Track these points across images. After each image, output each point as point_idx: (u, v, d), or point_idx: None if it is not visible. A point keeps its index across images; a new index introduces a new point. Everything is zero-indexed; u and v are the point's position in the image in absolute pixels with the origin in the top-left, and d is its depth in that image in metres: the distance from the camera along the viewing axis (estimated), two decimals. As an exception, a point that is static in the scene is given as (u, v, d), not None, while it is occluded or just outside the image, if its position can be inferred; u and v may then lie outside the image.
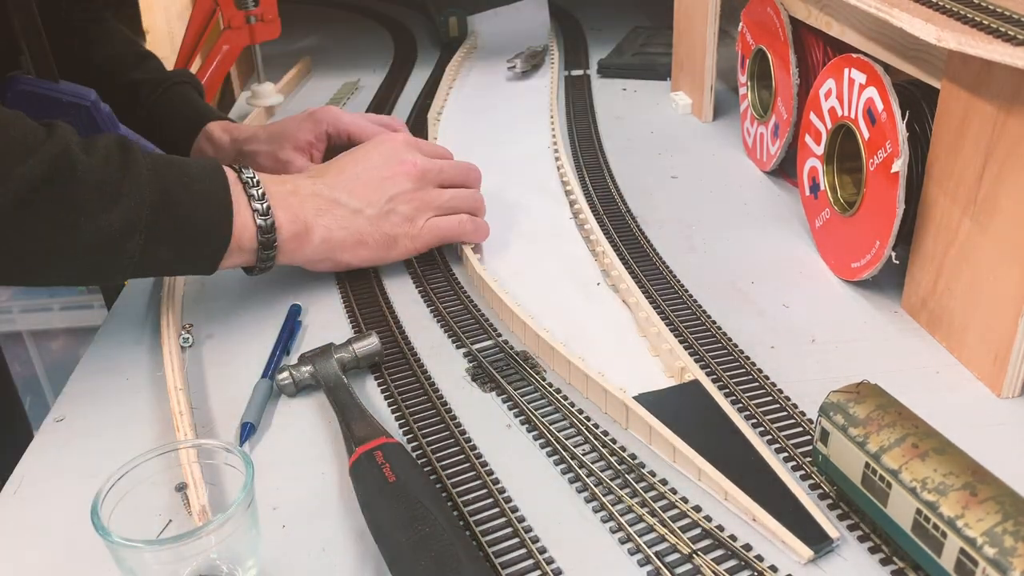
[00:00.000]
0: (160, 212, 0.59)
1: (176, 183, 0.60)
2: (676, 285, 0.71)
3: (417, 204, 0.72)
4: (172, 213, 0.60)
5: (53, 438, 0.58)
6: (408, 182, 0.72)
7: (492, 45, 1.37)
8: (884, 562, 0.46)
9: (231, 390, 0.61)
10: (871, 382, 0.49)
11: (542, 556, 0.47)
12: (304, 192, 0.68)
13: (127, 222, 0.57)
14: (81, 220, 0.56)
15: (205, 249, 0.63)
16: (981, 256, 0.57)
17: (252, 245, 0.64)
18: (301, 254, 0.68)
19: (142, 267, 0.60)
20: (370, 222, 0.70)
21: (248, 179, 0.65)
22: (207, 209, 0.62)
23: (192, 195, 0.61)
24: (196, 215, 0.61)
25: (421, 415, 0.58)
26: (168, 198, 0.59)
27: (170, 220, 0.59)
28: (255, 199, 0.64)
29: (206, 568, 0.45)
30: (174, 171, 0.61)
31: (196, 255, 0.63)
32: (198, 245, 0.62)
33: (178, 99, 0.90)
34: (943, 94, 0.59)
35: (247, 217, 0.64)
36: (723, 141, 1.00)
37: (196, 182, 0.61)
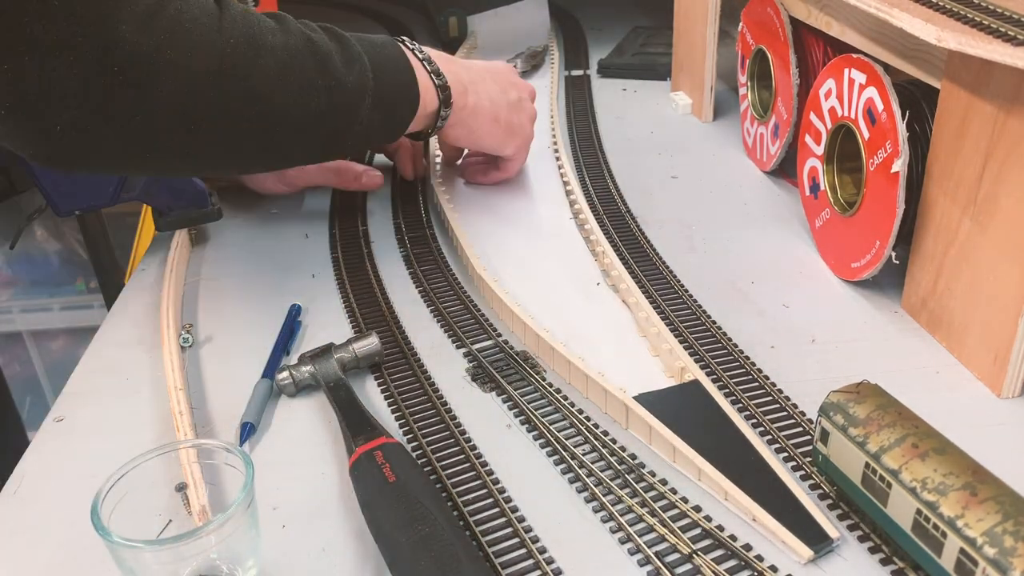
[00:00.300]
0: (377, 76, 0.65)
1: (377, 56, 0.66)
2: (676, 285, 0.71)
3: (531, 115, 0.84)
4: (383, 79, 0.66)
5: (53, 438, 0.58)
6: (528, 96, 0.83)
7: (492, 45, 1.37)
8: (884, 562, 0.46)
9: (231, 390, 0.61)
10: (871, 382, 0.49)
11: (542, 556, 0.47)
12: (463, 70, 0.76)
13: (360, 84, 0.63)
14: (332, 83, 0.61)
15: (404, 111, 0.69)
16: (981, 256, 0.57)
17: (434, 104, 0.72)
18: (460, 114, 0.75)
19: (363, 135, 0.66)
20: (508, 106, 0.80)
21: (414, 46, 0.72)
22: (401, 74, 0.68)
23: (392, 64, 0.68)
24: (397, 80, 0.68)
25: (421, 415, 0.58)
26: (377, 65, 0.66)
27: (383, 85, 0.66)
28: (428, 63, 0.72)
29: (206, 568, 0.45)
30: (376, 48, 0.67)
31: (398, 118, 0.69)
32: (399, 108, 0.69)
33: None
34: (943, 94, 0.59)
35: (426, 78, 0.71)
36: (723, 141, 1.00)
37: (384, 50, 0.68)
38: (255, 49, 0.56)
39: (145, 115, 0.52)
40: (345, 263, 0.77)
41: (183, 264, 0.77)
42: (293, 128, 0.61)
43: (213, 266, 0.77)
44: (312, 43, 0.61)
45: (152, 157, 0.56)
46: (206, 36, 0.53)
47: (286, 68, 0.58)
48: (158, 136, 0.54)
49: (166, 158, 0.57)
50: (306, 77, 0.60)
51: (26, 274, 1.78)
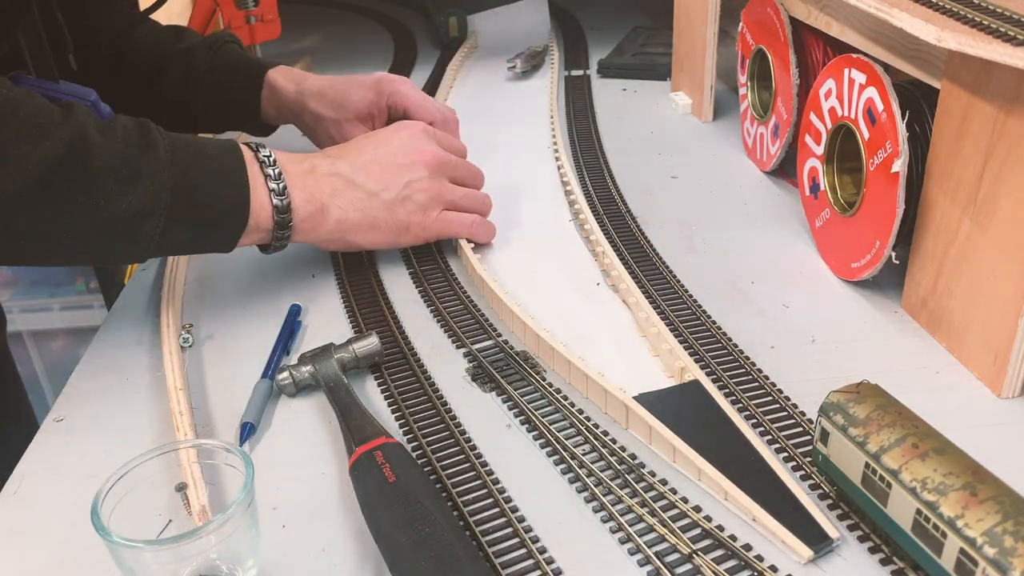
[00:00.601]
0: (179, 194, 0.59)
1: (195, 164, 0.61)
2: (676, 285, 0.71)
3: (432, 195, 0.73)
4: (191, 195, 0.60)
5: (53, 438, 0.58)
6: (425, 171, 0.73)
7: (492, 45, 1.37)
8: (884, 562, 0.46)
9: (231, 390, 0.61)
10: (871, 382, 0.49)
11: (542, 556, 0.47)
12: (321, 172, 0.68)
13: (145, 205, 0.58)
14: (100, 203, 0.56)
15: (223, 229, 0.63)
16: (981, 256, 0.57)
17: (268, 224, 0.65)
18: (315, 234, 0.69)
19: (160, 248, 0.61)
20: (385, 207, 0.71)
21: (265, 158, 0.65)
22: (225, 189, 0.62)
23: (210, 176, 0.61)
24: (215, 196, 0.62)
25: (421, 415, 0.58)
26: (187, 180, 0.60)
27: (189, 201, 0.60)
28: (272, 179, 0.64)
29: (206, 568, 0.45)
30: (192, 151, 0.61)
31: (214, 235, 0.63)
32: (216, 225, 0.63)
33: (232, 57, 0.89)
34: (943, 94, 0.59)
35: (264, 197, 0.64)
36: (723, 141, 1.00)
37: (214, 162, 0.62)
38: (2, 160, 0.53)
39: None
40: (345, 263, 0.77)
41: (183, 264, 0.77)
42: (53, 241, 0.57)
43: (213, 266, 0.77)
44: (81, 155, 0.55)
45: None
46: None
47: (39, 183, 0.54)
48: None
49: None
50: (62, 193, 0.55)
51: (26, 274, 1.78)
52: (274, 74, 0.87)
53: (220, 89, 0.87)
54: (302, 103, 0.86)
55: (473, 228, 0.76)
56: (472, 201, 0.77)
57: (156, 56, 0.87)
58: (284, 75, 0.87)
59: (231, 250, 0.65)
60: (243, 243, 0.65)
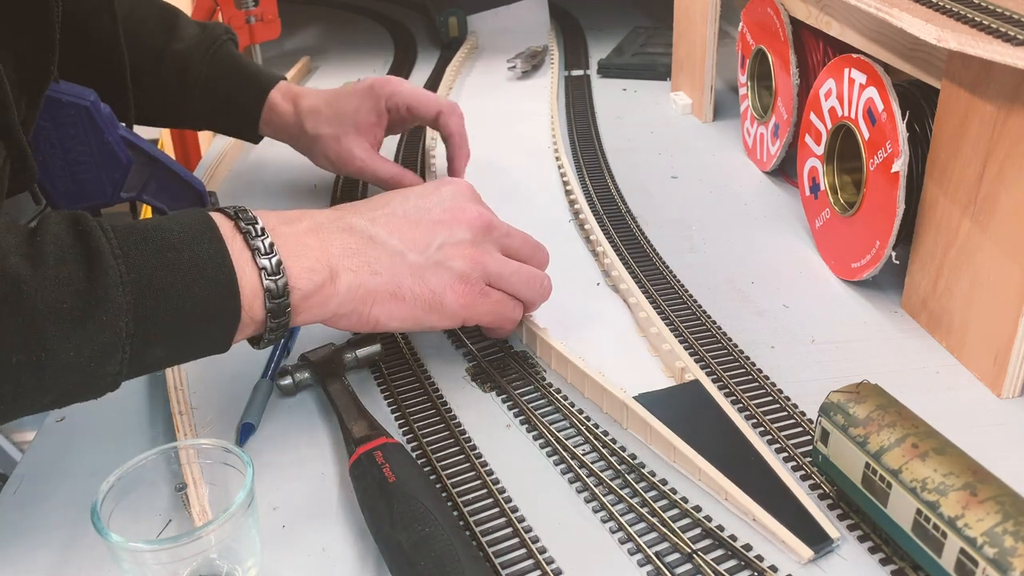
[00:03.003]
0: (145, 313, 0.45)
1: (159, 265, 0.46)
2: (676, 285, 0.71)
3: (474, 263, 0.57)
4: (161, 307, 0.45)
5: (53, 438, 0.58)
6: (468, 232, 0.57)
7: (492, 45, 1.37)
8: (884, 562, 0.46)
9: (231, 390, 0.61)
10: (871, 382, 0.49)
11: (542, 556, 0.47)
12: (328, 228, 0.53)
13: (103, 342, 0.44)
14: (40, 357, 0.43)
15: (211, 334, 0.49)
16: (981, 256, 0.57)
17: (262, 315, 0.50)
18: (323, 310, 0.52)
19: (128, 377, 0.47)
20: (412, 271, 0.55)
21: (250, 228, 0.49)
22: (204, 288, 0.47)
23: (183, 275, 0.46)
24: (190, 300, 0.46)
25: (421, 415, 0.58)
26: (152, 290, 0.45)
27: (160, 317, 0.46)
28: (261, 253, 0.49)
29: (206, 568, 0.45)
30: (152, 248, 0.46)
31: (201, 343, 0.49)
32: (201, 332, 0.48)
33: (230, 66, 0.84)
34: (943, 94, 0.59)
35: (254, 280, 0.49)
36: (723, 141, 1.00)
37: (183, 253, 0.46)
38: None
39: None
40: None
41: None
42: (4, 407, 0.44)
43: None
44: (9, 302, 0.42)
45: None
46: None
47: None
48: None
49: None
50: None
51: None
52: (274, 94, 0.84)
53: (218, 100, 0.84)
54: (300, 124, 0.82)
55: (516, 314, 0.61)
56: (527, 284, 0.60)
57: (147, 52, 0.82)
58: (283, 94, 0.84)
59: (225, 351, 0.51)
60: (235, 341, 0.51)
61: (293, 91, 0.84)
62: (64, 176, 0.71)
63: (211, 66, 0.83)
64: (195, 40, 0.84)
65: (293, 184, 0.93)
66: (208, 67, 0.83)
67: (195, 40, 0.84)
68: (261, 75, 0.85)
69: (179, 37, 0.84)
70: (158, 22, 0.84)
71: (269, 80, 0.85)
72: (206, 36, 0.84)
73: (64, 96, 0.70)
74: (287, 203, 0.89)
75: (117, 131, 0.72)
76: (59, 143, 0.71)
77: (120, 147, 0.72)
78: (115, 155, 0.72)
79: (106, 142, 0.71)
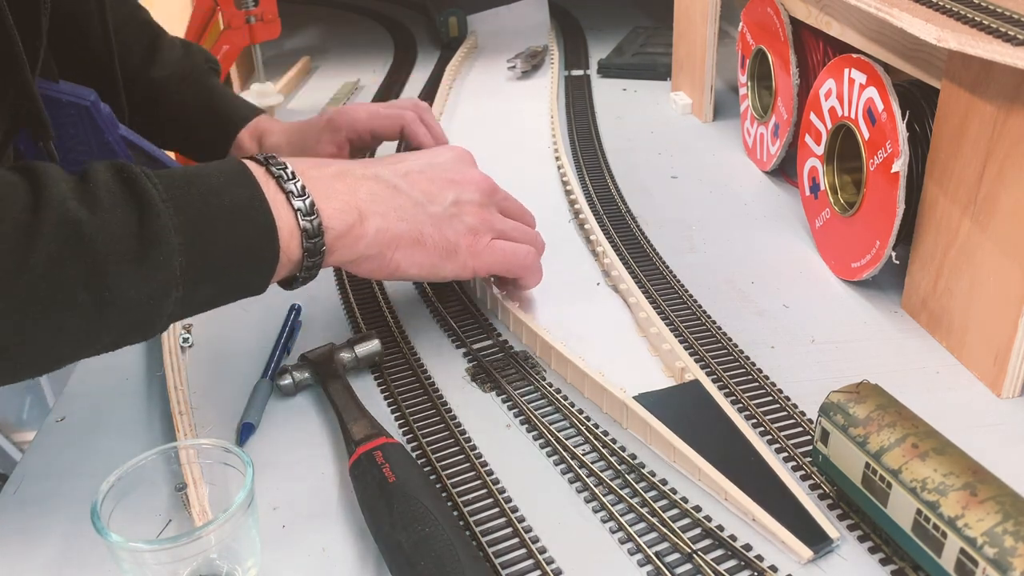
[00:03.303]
0: (195, 254, 0.47)
1: (203, 208, 0.48)
2: (676, 285, 0.71)
3: (482, 220, 0.62)
4: (208, 248, 0.48)
5: (53, 438, 0.58)
6: (477, 193, 0.62)
7: (492, 45, 1.37)
8: (884, 562, 0.46)
9: (231, 390, 0.61)
10: (871, 382, 0.49)
11: (542, 556, 0.47)
12: (355, 174, 0.57)
13: (159, 282, 0.46)
14: (104, 295, 0.45)
15: (253, 274, 0.51)
16: (981, 256, 0.57)
17: (298, 255, 0.52)
18: (352, 251, 0.55)
19: (182, 315, 0.50)
20: (432, 221, 0.59)
21: (281, 173, 0.52)
22: (246, 227, 0.50)
23: (225, 216, 0.49)
24: (235, 239, 0.49)
25: (421, 415, 0.58)
26: (199, 232, 0.48)
27: (207, 257, 0.48)
28: (295, 195, 0.52)
29: (206, 568, 0.45)
30: (195, 192, 0.49)
31: (244, 283, 0.52)
32: (245, 272, 0.51)
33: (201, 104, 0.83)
34: (943, 94, 0.59)
35: (291, 221, 0.51)
36: (723, 141, 1.00)
37: (224, 197, 0.49)
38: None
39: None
40: (345, 263, 0.77)
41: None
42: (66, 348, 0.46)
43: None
44: (72, 245, 0.44)
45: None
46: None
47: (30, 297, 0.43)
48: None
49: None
50: (57, 300, 0.43)
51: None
52: (242, 134, 0.83)
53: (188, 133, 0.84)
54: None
55: (527, 259, 0.65)
56: (524, 235, 0.66)
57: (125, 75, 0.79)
58: (251, 132, 0.83)
59: (263, 292, 0.53)
60: (276, 279, 0.54)
61: (260, 128, 0.83)
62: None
63: (185, 99, 0.83)
64: (174, 68, 0.84)
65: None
66: (181, 100, 0.83)
67: (174, 68, 0.84)
68: (233, 113, 0.84)
69: (159, 63, 0.83)
70: (140, 47, 0.84)
71: (239, 119, 0.84)
72: (185, 65, 0.84)
73: (64, 96, 0.70)
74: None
75: (117, 131, 0.72)
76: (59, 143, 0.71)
77: (120, 147, 0.72)
78: (115, 155, 0.72)
79: (106, 142, 0.71)
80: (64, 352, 0.47)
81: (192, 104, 0.83)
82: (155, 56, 0.83)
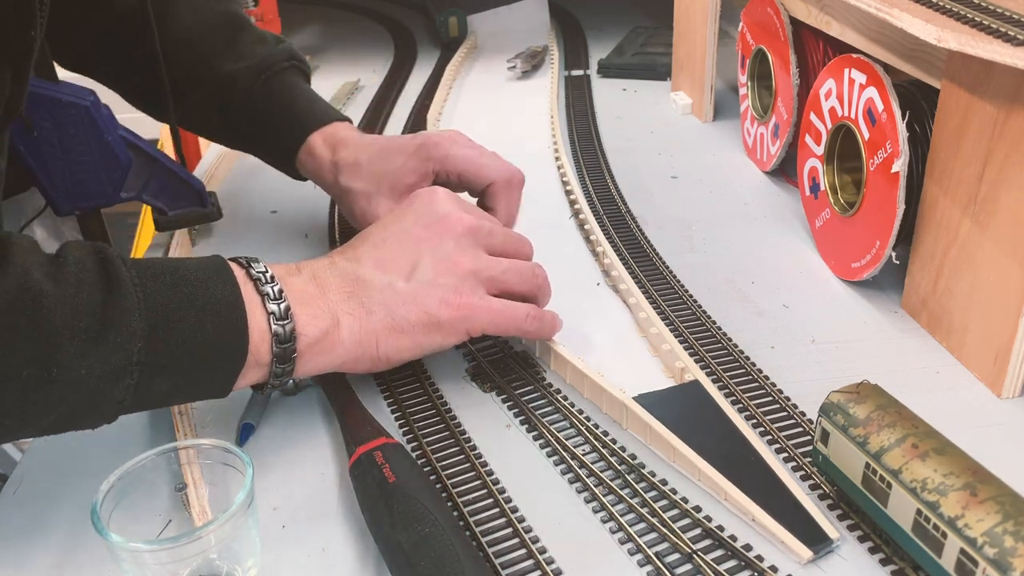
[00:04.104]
0: (155, 340, 0.46)
1: (174, 297, 0.47)
2: (676, 285, 0.71)
3: (464, 272, 0.56)
4: (171, 338, 0.47)
5: (53, 438, 0.58)
6: (449, 240, 0.57)
7: (492, 45, 1.37)
8: (884, 562, 0.46)
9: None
10: (871, 382, 0.49)
11: (542, 556, 0.47)
12: (323, 276, 0.55)
13: (114, 364, 0.45)
14: (52, 372, 0.43)
15: (216, 373, 0.50)
16: (981, 256, 0.57)
17: (268, 359, 0.51)
18: (329, 358, 0.53)
19: (130, 409, 0.48)
20: (404, 299, 0.55)
21: (260, 275, 0.51)
22: (215, 324, 0.48)
23: (196, 310, 0.48)
24: (201, 334, 0.48)
25: (421, 415, 0.58)
26: (165, 320, 0.46)
27: (169, 347, 0.47)
28: (270, 298, 0.50)
29: (206, 568, 0.45)
30: (169, 280, 0.48)
31: (204, 381, 0.50)
32: (207, 369, 0.49)
33: (277, 101, 0.77)
34: (943, 94, 0.59)
35: (263, 324, 0.50)
36: (723, 141, 1.00)
37: (199, 289, 0.48)
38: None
39: None
40: (345, 263, 0.77)
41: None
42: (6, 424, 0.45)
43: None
44: (27, 313, 0.42)
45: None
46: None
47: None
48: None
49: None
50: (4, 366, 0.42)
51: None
52: (315, 138, 0.75)
53: (259, 131, 0.77)
54: (334, 174, 0.73)
55: (529, 322, 0.59)
56: (519, 275, 0.59)
57: (196, 65, 0.76)
58: (325, 138, 0.75)
59: (227, 395, 0.51)
60: (240, 385, 0.51)
61: (338, 136, 0.75)
62: (64, 176, 0.71)
63: (259, 95, 0.77)
64: (251, 63, 0.77)
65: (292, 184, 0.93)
66: (254, 96, 0.76)
67: (251, 63, 0.77)
68: (307, 114, 0.77)
69: (234, 56, 0.77)
70: (215, 36, 0.78)
71: (315, 121, 0.76)
72: (263, 60, 0.77)
73: (64, 96, 0.70)
74: (286, 204, 0.89)
75: (117, 131, 0.72)
76: (59, 143, 0.71)
77: (120, 147, 0.72)
78: (115, 155, 0.72)
79: (106, 142, 0.71)
80: (4, 426, 0.45)
81: (263, 100, 0.77)
82: (232, 49, 0.78)
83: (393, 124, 1.11)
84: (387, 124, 1.11)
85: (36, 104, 0.70)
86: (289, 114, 0.76)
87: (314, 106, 0.78)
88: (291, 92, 0.78)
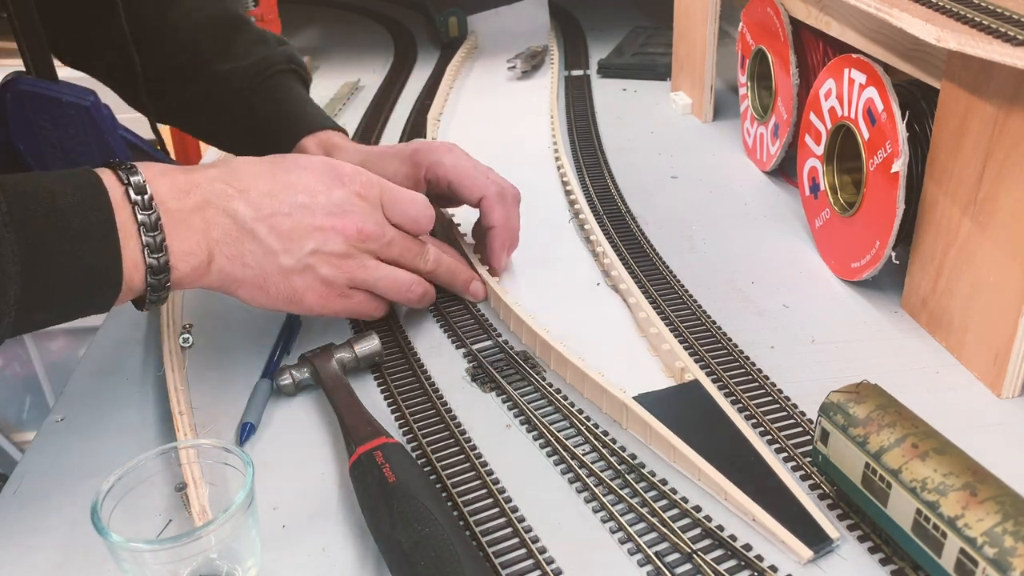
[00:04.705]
0: (32, 279, 0.47)
1: (48, 231, 0.47)
2: (676, 285, 0.71)
3: (339, 272, 0.60)
4: (47, 277, 0.47)
5: (53, 438, 0.58)
6: (341, 243, 0.59)
7: (492, 45, 1.37)
8: (884, 562, 0.46)
9: (231, 390, 0.61)
10: (871, 382, 0.49)
11: (542, 556, 0.47)
12: (214, 206, 0.55)
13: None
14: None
15: (92, 301, 0.51)
16: (981, 256, 0.57)
17: (141, 286, 0.52)
18: (197, 283, 0.56)
19: (11, 335, 0.49)
20: (280, 271, 0.58)
21: (139, 198, 0.51)
22: (91, 256, 0.49)
23: (70, 242, 0.48)
24: (77, 268, 0.49)
25: (421, 415, 0.58)
26: (40, 259, 0.47)
27: (46, 286, 0.48)
28: (147, 229, 0.51)
29: (206, 568, 0.45)
30: (41, 210, 0.47)
31: (81, 308, 0.51)
32: (82, 299, 0.50)
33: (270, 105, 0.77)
34: (943, 94, 0.59)
35: (136, 254, 0.51)
36: (723, 141, 1.00)
37: (73, 219, 0.48)
38: None
39: None
40: (345, 263, 0.77)
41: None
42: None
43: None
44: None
45: None
46: None
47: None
48: None
49: None
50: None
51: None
52: (309, 142, 0.75)
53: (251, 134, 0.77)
54: None
55: (370, 310, 0.64)
56: (391, 286, 0.63)
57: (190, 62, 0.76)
58: (319, 143, 0.75)
59: (106, 311, 0.53)
60: (115, 304, 0.53)
61: (331, 143, 0.75)
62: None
63: (253, 97, 0.76)
64: (246, 63, 0.77)
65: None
66: (248, 97, 0.76)
67: (246, 63, 0.77)
68: (300, 120, 0.77)
69: (230, 56, 0.77)
70: (212, 34, 0.78)
71: (309, 125, 0.76)
72: (260, 62, 0.77)
73: (64, 96, 0.70)
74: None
75: (117, 131, 0.72)
76: (59, 143, 0.71)
77: (120, 147, 0.72)
78: (115, 155, 0.72)
79: (106, 142, 0.71)
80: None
81: (255, 103, 0.77)
82: (229, 48, 0.77)
83: (393, 124, 1.11)
84: (387, 124, 1.11)
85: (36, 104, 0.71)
86: (283, 117, 0.76)
87: (309, 111, 0.78)
88: (286, 96, 0.77)
